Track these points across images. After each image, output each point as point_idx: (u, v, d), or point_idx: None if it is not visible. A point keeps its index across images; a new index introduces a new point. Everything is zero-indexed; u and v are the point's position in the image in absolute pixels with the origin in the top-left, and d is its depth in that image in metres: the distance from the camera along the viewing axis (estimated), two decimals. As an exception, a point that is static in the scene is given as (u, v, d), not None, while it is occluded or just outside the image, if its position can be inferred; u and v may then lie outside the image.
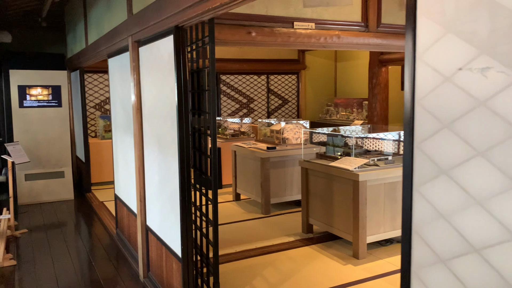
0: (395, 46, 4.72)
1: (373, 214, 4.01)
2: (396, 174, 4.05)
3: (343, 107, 9.20)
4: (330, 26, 4.31)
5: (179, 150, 2.84)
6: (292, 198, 5.57)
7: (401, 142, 4.56)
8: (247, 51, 8.59)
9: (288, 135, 5.65)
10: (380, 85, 7.57)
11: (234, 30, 3.82)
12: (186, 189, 2.86)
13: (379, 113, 7.61)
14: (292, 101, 9.31)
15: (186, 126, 2.86)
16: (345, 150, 4.45)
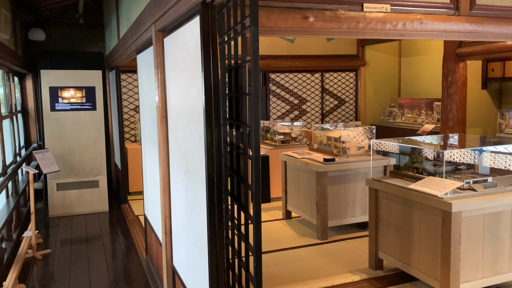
0: (493, 34, 3.68)
1: (469, 255, 3.02)
2: (500, 203, 3.04)
3: (409, 108, 8.09)
4: (410, 8, 3.36)
5: (207, 176, 2.05)
6: (355, 220, 4.64)
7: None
8: (299, 46, 7.71)
9: (349, 144, 4.72)
10: (457, 83, 6.42)
11: (286, 15, 2.98)
12: (217, 235, 2.06)
13: (455, 116, 6.46)
14: (350, 101, 8.32)
15: (217, 142, 2.07)
16: (427, 166, 3.47)
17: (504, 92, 6.80)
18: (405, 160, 3.71)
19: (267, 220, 5.18)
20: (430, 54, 7.79)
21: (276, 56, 7.57)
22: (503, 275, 3.14)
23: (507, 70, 6.31)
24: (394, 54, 8.60)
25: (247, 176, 2.05)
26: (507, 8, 3.65)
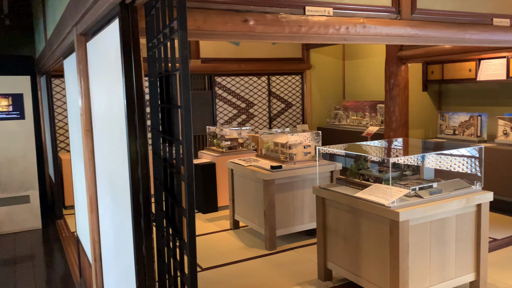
0: (434, 38, 3.69)
1: (417, 263, 2.97)
2: (446, 209, 3.02)
3: (354, 110, 8.17)
4: (353, 12, 3.28)
5: (132, 199, 1.81)
6: (303, 228, 4.53)
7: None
8: (245, 49, 7.55)
9: (296, 149, 4.61)
10: (399, 86, 6.53)
11: (225, 18, 2.79)
12: (146, 269, 1.83)
13: (398, 118, 6.57)
14: (297, 104, 8.27)
15: (143, 159, 1.84)
16: (373, 173, 3.41)
17: (443, 94, 7.00)
18: (351, 166, 3.64)
19: (214, 231, 4.97)
20: (373, 57, 7.90)
21: (222, 59, 7.38)
22: (450, 281, 3.13)
23: (445, 72, 6.49)
24: (338, 57, 8.66)
25: (181, 198, 1.84)
26: (446, 12, 3.67)
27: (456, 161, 3.59)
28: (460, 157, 3.58)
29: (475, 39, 3.85)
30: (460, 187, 3.23)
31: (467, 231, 3.19)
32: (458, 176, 3.42)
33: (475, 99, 6.47)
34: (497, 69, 5.71)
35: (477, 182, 3.31)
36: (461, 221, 3.15)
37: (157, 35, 1.97)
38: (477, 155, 3.42)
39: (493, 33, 3.93)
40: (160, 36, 1.92)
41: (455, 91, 6.78)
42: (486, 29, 3.88)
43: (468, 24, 3.78)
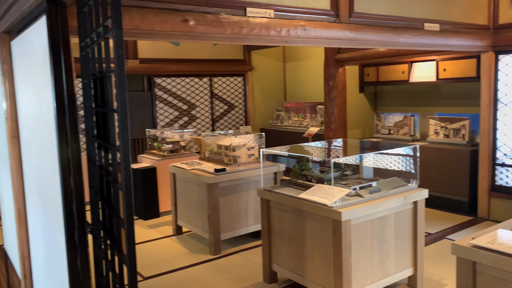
0: (370, 41, 3.81)
1: (359, 262, 3.04)
2: (385, 207, 3.11)
3: (295, 111, 8.30)
4: (293, 14, 3.30)
5: (65, 209, 1.68)
6: (248, 230, 4.50)
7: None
8: (185, 49, 7.42)
9: (239, 152, 4.58)
10: (338, 88, 6.72)
11: (163, 17, 2.69)
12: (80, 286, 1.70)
13: (337, 119, 6.75)
14: (239, 106, 8.25)
15: (76, 166, 1.71)
16: (316, 174, 3.45)
17: (379, 95, 7.29)
18: (295, 167, 3.66)
19: (156, 238, 4.80)
20: (312, 59, 8.07)
21: (161, 60, 7.19)
22: (391, 277, 3.23)
23: (380, 74, 6.75)
24: (279, 59, 8.76)
25: (119, 208, 1.73)
26: (381, 16, 3.80)
27: (393, 160, 3.72)
28: (396, 155, 3.72)
29: (408, 42, 4.03)
30: (397, 185, 3.35)
31: (405, 227, 3.31)
32: (396, 175, 3.55)
33: (408, 100, 6.79)
34: (427, 72, 6.03)
35: (413, 180, 3.45)
36: (399, 219, 3.26)
37: (90, 34, 1.84)
38: (414, 154, 3.57)
39: (424, 37, 4.13)
40: (93, 35, 1.80)
41: (390, 92, 7.09)
42: (418, 33, 4.07)
43: (402, 28, 3.94)
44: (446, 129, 5.82)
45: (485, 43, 4.79)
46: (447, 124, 5.80)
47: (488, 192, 5.13)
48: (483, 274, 2.08)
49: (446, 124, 5.82)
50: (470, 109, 5.82)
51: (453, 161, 5.41)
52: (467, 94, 5.91)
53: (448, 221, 5.04)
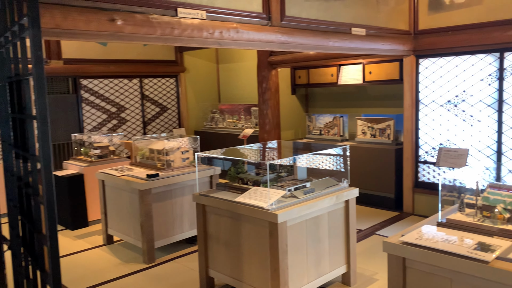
0: (302, 45, 3.88)
1: (296, 262, 3.07)
2: (319, 207, 3.18)
3: (229, 113, 8.29)
4: (226, 16, 3.27)
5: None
6: (183, 236, 4.40)
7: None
8: (113, 50, 7.11)
9: (173, 156, 4.45)
10: (271, 90, 6.80)
11: (88, 16, 2.54)
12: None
13: (271, 120, 6.84)
14: (172, 108, 8.07)
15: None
16: (252, 176, 3.44)
17: (310, 97, 7.48)
18: (231, 170, 3.63)
19: (85, 249, 4.54)
20: (246, 61, 8.11)
21: (88, 60, 6.83)
22: (326, 276, 3.30)
23: (311, 77, 6.94)
24: (212, 61, 8.70)
25: (41, 223, 1.59)
26: (312, 20, 3.88)
27: (325, 160, 3.82)
28: (328, 156, 3.82)
29: (337, 46, 4.16)
30: (330, 185, 3.44)
31: (338, 226, 3.40)
32: (328, 175, 3.64)
33: (338, 102, 7.04)
34: (354, 74, 6.29)
35: (344, 179, 3.56)
36: (332, 217, 3.35)
37: (5, 33, 1.68)
38: (344, 154, 3.68)
39: (352, 41, 4.29)
40: (8, 34, 1.64)
41: (320, 94, 7.30)
42: (346, 37, 4.21)
43: (331, 33, 4.05)
44: (372, 129, 6.10)
45: (407, 47, 5.08)
46: (373, 124, 6.08)
47: (412, 188, 5.44)
48: (412, 269, 2.18)
49: (372, 124, 6.10)
50: (394, 110, 6.16)
51: (380, 159, 5.68)
52: (391, 96, 6.24)
53: (377, 217, 5.28)
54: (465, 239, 2.15)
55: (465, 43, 4.76)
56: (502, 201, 2.25)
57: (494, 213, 2.25)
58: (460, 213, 2.44)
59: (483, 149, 4.82)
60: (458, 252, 2.01)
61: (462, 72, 4.91)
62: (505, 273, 1.85)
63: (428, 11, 5.05)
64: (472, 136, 4.91)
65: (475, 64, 4.80)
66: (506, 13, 4.43)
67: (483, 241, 2.10)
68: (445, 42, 4.91)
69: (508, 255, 1.94)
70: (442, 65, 5.07)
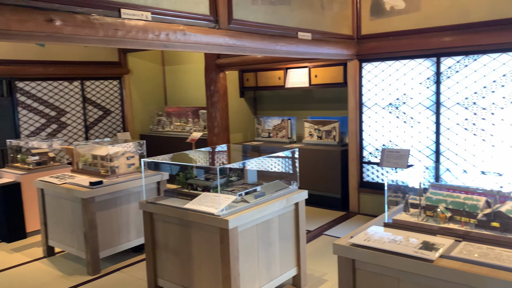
0: (250, 48, 3.88)
1: (247, 268, 3.05)
2: (270, 210, 3.18)
3: (177, 116, 8.14)
4: (172, 18, 3.19)
5: None
6: (130, 245, 4.24)
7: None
8: (52, 51, 6.75)
9: (118, 162, 4.29)
10: (219, 92, 6.75)
11: (23, 15, 2.38)
12: None
13: (220, 123, 6.79)
14: (116, 111, 7.80)
15: None
16: (201, 182, 3.38)
17: (258, 100, 7.51)
18: (179, 176, 3.54)
19: (23, 263, 4.26)
20: (193, 63, 8.00)
21: (24, 62, 6.44)
22: (277, 279, 3.31)
23: (259, 80, 6.97)
24: (157, 62, 8.51)
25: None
26: (259, 24, 3.89)
27: (275, 163, 3.83)
28: (277, 158, 3.84)
29: (284, 50, 4.19)
30: (280, 188, 3.45)
31: (288, 229, 3.42)
32: (278, 177, 3.65)
33: (285, 104, 7.12)
34: (301, 78, 6.39)
35: (294, 182, 3.58)
36: (283, 221, 3.36)
37: None
38: (293, 157, 3.71)
39: (299, 46, 4.34)
40: None
41: (268, 97, 7.35)
42: (292, 41, 4.26)
43: (278, 36, 4.08)
44: (319, 131, 6.23)
45: (351, 52, 5.23)
46: (320, 126, 6.21)
47: (357, 188, 5.61)
48: (361, 271, 2.23)
49: (319, 126, 6.22)
50: (339, 112, 6.32)
51: (326, 160, 5.81)
52: (336, 98, 6.40)
53: (325, 217, 5.39)
54: (411, 238, 2.22)
55: (405, 48, 4.97)
56: (444, 201, 2.35)
57: (436, 213, 2.35)
58: (405, 213, 2.53)
59: (423, 149, 5.06)
60: (405, 252, 2.07)
61: (402, 75, 5.13)
62: (448, 271, 1.93)
63: (370, 16, 5.22)
64: (412, 137, 5.13)
65: (414, 68, 5.02)
66: (442, 20, 4.68)
67: (427, 240, 2.18)
68: (386, 47, 5.11)
69: (451, 253, 2.03)
70: (384, 69, 5.27)
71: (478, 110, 4.61)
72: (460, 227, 2.24)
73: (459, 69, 4.70)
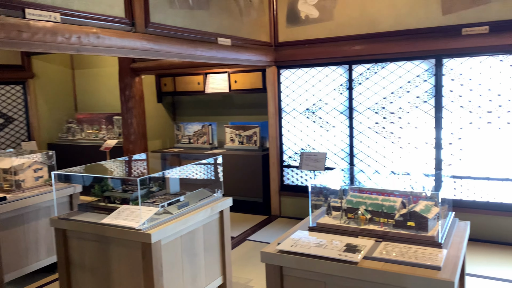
0: (169, 53, 3.77)
1: (171, 281, 2.93)
2: (194, 221, 3.09)
3: (89, 123, 7.68)
4: (84, 20, 2.99)
5: None
6: (40, 265, 3.88)
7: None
8: None
9: (24, 175, 3.91)
10: (135, 98, 6.49)
11: None
12: None
13: (136, 130, 6.52)
14: (20, 118, 7.14)
15: None
16: (120, 194, 3.19)
17: (177, 105, 7.35)
18: (95, 188, 3.31)
19: None
20: (106, 67, 7.60)
21: None
22: (203, 290, 3.23)
23: (177, 85, 6.82)
24: (66, 66, 7.96)
25: None
26: (178, 28, 3.79)
27: (198, 171, 3.75)
28: (200, 165, 3.77)
29: (204, 55, 4.13)
30: (204, 197, 3.38)
31: (213, 238, 3.36)
32: (201, 185, 3.58)
33: (206, 109, 7.05)
34: (221, 83, 6.36)
35: (218, 189, 3.53)
36: (207, 230, 3.29)
37: None
38: (216, 164, 3.66)
39: (219, 51, 4.31)
40: None
41: (188, 102, 7.22)
42: (212, 47, 4.21)
43: (198, 42, 4.01)
44: (240, 136, 6.24)
45: (269, 58, 5.31)
46: (241, 131, 6.23)
47: (278, 192, 5.70)
48: (289, 277, 2.24)
49: (240, 131, 6.24)
50: (260, 117, 6.40)
51: (248, 165, 5.84)
52: (257, 104, 6.47)
53: (248, 222, 5.40)
54: (335, 241, 2.28)
55: (319, 55, 5.17)
56: (363, 203, 2.46)
57: (357, 215, 2.44)
58: (328, 217, 2.60)
59: (338, 152, 5.29)
60: (330, 255, 2.12)
61: (318, 82, 5.32)
62: (371, 272, 2.00)
63: (287, 24, 5.36)
64: (328, 141, 5.35)
65: (329, 75, 5.24)
66: (353, 29, 4.94)
67: (350, 242, 2.26)
68: (302, 54, 5.27)
69: (373, 254, 2.11)
70: (301, 76, 5.43)
71: (387, 114, 4.93)
72: (379, 227, 2.35)
73: (369, 76, 4.99)
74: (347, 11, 4.96)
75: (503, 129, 4.37)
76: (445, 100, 4.60)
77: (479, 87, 4.43)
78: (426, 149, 4.75)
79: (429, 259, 2.01)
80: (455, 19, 4.39)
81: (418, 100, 4.73)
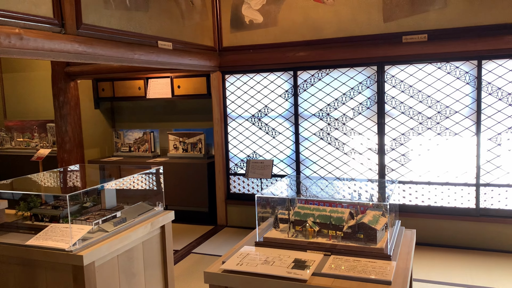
0: (103, 57, 3.51)
1: (108, 305, 2.69)
2: (132, 238, 2.86)
3: (19, 131, 7.12)
4: (5, 19, 2.69)
5: None
6: (-44, 293, 3.45)
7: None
8: None
9: None
10: (70, 104, 6.08)
11: None
12: None
13: (72, 138, 6.11)
14: None
15: None
16: (49, 211, 2.88)
17: (116, 111, 6.98)
18: (20, 206, 2.99)
19: None
20: (37, 71, 7.08)
21: None
22: (143, 312, 3.00)
23: (116, 90, 6.48)
24: (-7, 69, 7.34)
25: None
26: (114, 30, 3.55)
27: (137, 183, 3.52)
28: (139, 176, 3.53)
29: (144, 59, 3.91)
30: (143, 211, 3.15)
31: (154, 255, 3.14)
32: (141, 198, 3.35)
33: (147, 116, 6.74)
34: (163, 88, 6.11)
35: (159, 202, 3.32)
36: (147, 247, 3.07)
37: None
38: (158, 175, 3.45)
39: (159, 55, 4.10)
40: None
41: (128, 108, 6.88)
42: (152, 50, 3.99)
43: (136, 45, 3.78)
44: (184, 144, 6.03)
45: (213, 63, 5.16)
46: (185, 139, 6.02)
47: (224, 200, 5.55)
48: (235, 298, 2.09)
49: (184, 139, 6.02)
50: (204, 124, 6.21)
51: (193, 174, 5.63)
52: (201, 110, 6.28)
53: (192, 234, 5.20)
54: (282, 257, 2.17)
55: (264, 61, 5.09)
56: (311, 215, 2.36)
57: (305, 227, 2.34)
58: (275, 230, 2.48)
59: (285, 159, 5.23)
60: (277, 273, 2.00)
61: (263, 88, 5.24)
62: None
63: (231, 29, 5.23)
64: (275, 148, 5.27)
65: (274, 81, 5.17)
66: (297, 35, 4.90)
67: (299, 257, 2.15)
68: (247, 59, 5.17)
69: (322, 269, 2.02)
70: (246, 81, 5.32)
71: (331, 121, 4.94)
72: (328, 240, 2.27)
73: (314, 82, 4.97)
74: (291, 17, 4.92)
75: (442, 135, 4.50)
76: (387, 106, 4.67)
77: (419, 93, 4.54)
78: (370, 155, 4.80)
79: (379, 273, 1.95)
80: (396, 27, 4.47)
81: (361, 106, 4.78)
